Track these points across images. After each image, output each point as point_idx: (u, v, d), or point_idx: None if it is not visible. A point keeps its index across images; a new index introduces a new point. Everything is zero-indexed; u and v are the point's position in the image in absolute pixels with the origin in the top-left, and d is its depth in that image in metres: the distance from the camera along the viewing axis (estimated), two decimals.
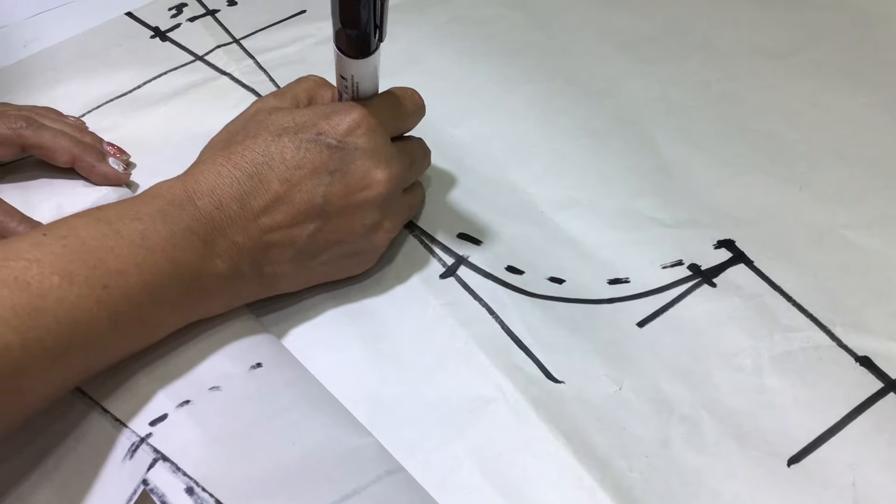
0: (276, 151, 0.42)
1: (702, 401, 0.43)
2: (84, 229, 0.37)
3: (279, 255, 0.42)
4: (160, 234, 0.38)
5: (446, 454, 0.41)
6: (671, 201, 0.52)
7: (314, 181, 0.42)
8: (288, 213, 0.42)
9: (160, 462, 0.36)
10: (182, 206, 0.40)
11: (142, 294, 0.37)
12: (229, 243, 0.40)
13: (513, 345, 0.45)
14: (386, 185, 0.44)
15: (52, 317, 0.34)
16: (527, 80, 0.59)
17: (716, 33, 0.62)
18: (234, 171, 0.41)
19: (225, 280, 0.41)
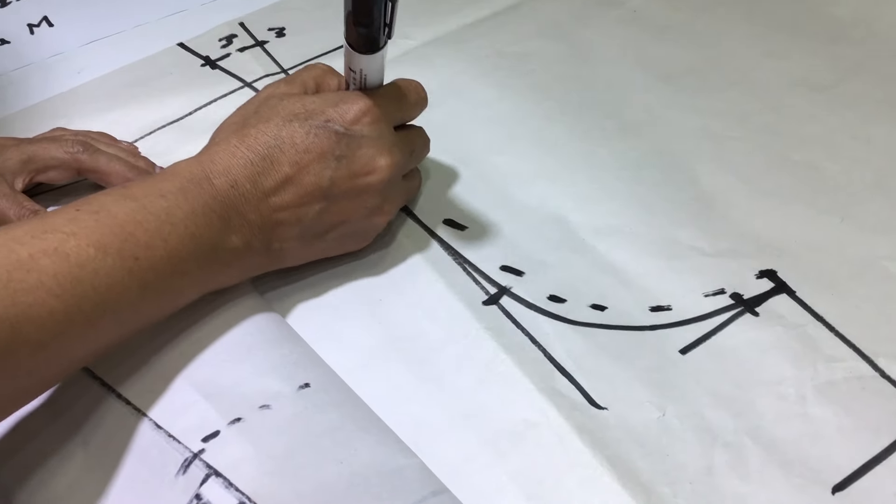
0: (287, 135, 0.44)
1: (745, 428, 0.43)
2: (114, 205, 0.40)
3: (286, 232, 0.45)
4: (182, 211, 0.41)
5: (490, 477, 0.41)
6: (712, 231, 0.52)
7: (321, 165, 0.45)
8: (296, 193, 0.44)
9: (213, 477, 0.37)
10: (200, 185, 0.42)
11: (167, 265, 0.40)
12: (243, 220, 0.43)
13: (555, 371, 0.45)
14: (388, 172, 0.46)
15: (89, 285, 0.37)
16: (567, 112, 0.60)
17: (755, 65, 0.62)
18: (248, 152, 0.44)
19: (238, 254, 0.44)
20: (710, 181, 0.55)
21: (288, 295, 0.49)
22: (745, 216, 0.53)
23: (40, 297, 0.35)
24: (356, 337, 0.47)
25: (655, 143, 0.58)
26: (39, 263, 0.36)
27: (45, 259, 0.36)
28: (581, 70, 0.63)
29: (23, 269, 0.35)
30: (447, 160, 0.57)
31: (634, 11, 0.67)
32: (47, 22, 0.70)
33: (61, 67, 0.65)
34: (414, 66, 0.64)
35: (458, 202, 0.54)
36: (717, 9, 0.67)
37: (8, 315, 0.34)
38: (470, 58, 0.65)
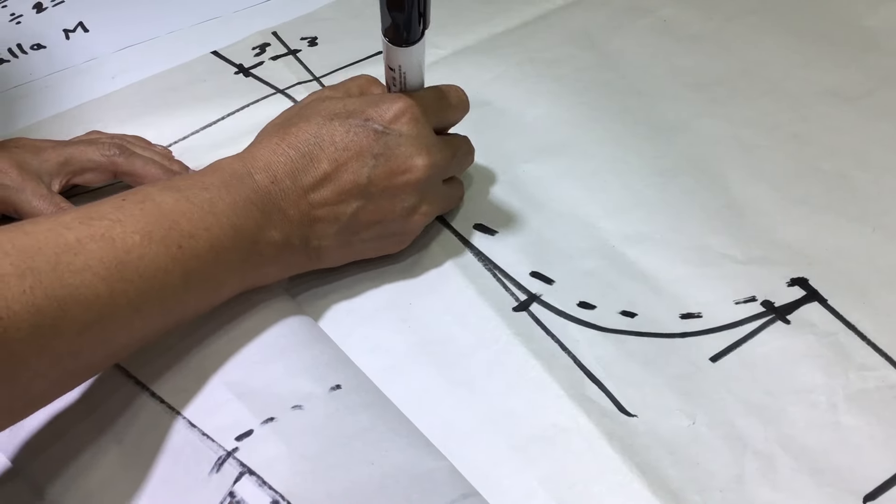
0: (327, 134, 0.45)
1: (776, 436, 0.43)
2: (159, 196, 0.40)
3: (325, 229, 0.46)
4: (225, 203, 0.42)
5: (519, 482, 0.41)
6: (743, 239, 0.52)
7: (360, 163, 0.45)
8: (335, 190, 0.45)
9: (246, 475, 0.38)
10: (242, 179, 0.43)
11: (209, 255, 0.41)
12: (282, 215, 0.44)
13: (585, 378, 0.45)
14: (426, 171, 0.47)
15: (134, 271, 0.38)
16: (598, 119, 0.60)
17: (787, 75, 0.62)
18: (288, 149, 0.45)
19: (278, 248, 0.44)
20: (741, 189, 0.55)
21: (320, 297, 0.50)
22: (777, 224, 0.53)
23: (87, 279, 0.36)
24: (387, 340, 0.48)
25: (686, 152, 0.58)
26: (87, 247, 0.36)
27: (92, 244, 0.37)
28: (611, 78, 0.63)
29: (70, 252, 0.36)
30: (478, 166, 0.57)
31: (664, 21, 0.67)
32: (82, 27, 0.71)
33: (96, 72, 0.66)
34: (445, 74, 0.64)
35: (489, 207, 0.55)
36: (747, 18, 0.67)
37: (56, 295, 0.35)
38: (500, 66, 0.65)
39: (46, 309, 0.34)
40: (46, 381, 0.36)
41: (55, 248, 0.36)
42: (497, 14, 0.69)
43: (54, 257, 0.35)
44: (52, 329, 0.35)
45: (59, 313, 0.35)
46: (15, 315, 0.33)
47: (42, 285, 0.34)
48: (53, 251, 0.36)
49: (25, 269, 0.34)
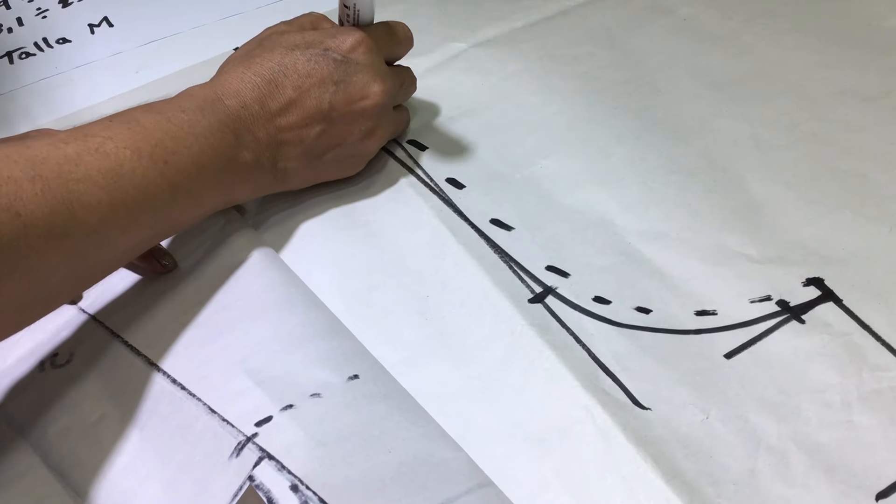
0: (290, 62, 0.49)
1: (789, 433, 0.43)
2: (142, 117, 0.44)
3: (290, 151, 0.50)
4: (202, 125, 0.45)
5: (534, 473, 0.42)
6: (759, 238, 0.52)
7: (321, 89, 0.50)
8: (300, 115, 0.49)
9: (266, 460, 0.38)
10: (214, 105, 0.47)
11: (192, 170, 0.44)
12: (252, 137, 0.48)
13: (600, 371, 0.46)
14: (381, 97, 0.52)
15: (128, 182, 0.41)
16: (616, 117, 0.61)
17: (805, 75, 0.62)
18: (255, 77, 0.49)
19: (250, 168, 0.48)
20: (758, 189, 0.55)
21: (336, 289, 0.50)
22: (793, 224, 0.53)
23: (89, 187, 0.39)
24: (403, 332, 0.48)
25: (704, 150, 0.58)
26: (84, 160, 0.40)
27: (88, 156, 0.40)
28: (631, 76, 0.64)
29: (71, 163, 0.39)
30: (495, 162, 0.58)
31: (684, 20, 0.68)
32: (107, 22, 0.72)
33: (120, 67, 0.67)
34: (463, 69, 0.65)
35: (506, 203, 0.55)
36: (766, 19, 0.67)
37: (64, 199, 0.38)
38: (519, 62, 0.65)
39: (57, 210, 0.38)
40: (59, 277, 0.40)
41: (57, 159, 0.39)
42: (517, 10, 0.70)
43: (57, 167, 0.39)
44: (63, 230, 0.38)
45: (68, 216, 0.38)
46: (31, 214, 0.37)
47: (51, 190, 0.38)
48: (56, 161, 0.39)
49: (34, 174, 0.38)
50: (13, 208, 0.36)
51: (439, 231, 0.53)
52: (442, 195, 0.55)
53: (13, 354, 0.48)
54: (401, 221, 0.54)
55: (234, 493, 0.38)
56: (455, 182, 0.56)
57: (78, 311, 0.49)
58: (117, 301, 0.49)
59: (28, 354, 0.48)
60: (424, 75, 0.64)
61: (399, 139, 0.60)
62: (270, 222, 0.54)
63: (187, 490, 0.39)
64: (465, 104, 0.62)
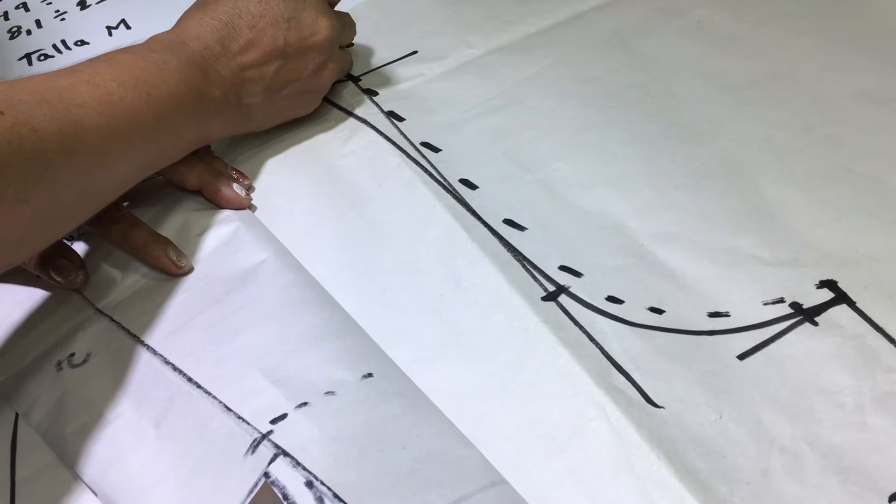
0: (243, 5, 0.54)
1: (802, 434, 0.43)
2: (120, 57, 0.48)
3: (253, 88, 0.54)
4: (173, 63, 0.49)
5: (548, 471, 0.42)
6: (773, 240, 0.52)
7: (275, 27, 0.54)
8: (258, 53, 0.54)
9: (281, 457, 0.39)
10: (179, 47, 0.51)
11: (171, 102, 0.48)
12: (218, 75, 0.52)
13: (613, 369, 0.46)
14: (329, 31, 0.56)
15: (118, 109, 0.45)
16: (629, 120, 0.61)
17: (819, 77, 0.62)
18: (212, 21, 0.53)
19: (219, 104, 0.52)
20: (772, 191, 0.55)
21: (350, 289, 0.50)
22: (807, 226, 0.53)
23: (87, 112, 0.43)
24: (418, 331, 0.48)
25: (718, 153, 0.58)
26: (79, 90, 0.44)
27: (81, 87, 0.44)
28: (644, 79, 0.64)
29: (68, 91, 0.43)
30: (508, 164, 0.58)
31: (698, 22, 0.68)
32: (125, 24, 0.73)
33: None
34: (477, 74, 0.65)
35: (519, 204, 0.55)
36: (781, 21, 0.67)
37: (69, 120, 0.42)
38: (533, 66, 0.66)
39: (66, 129, 0.42)
40: (71, 194, 0.43)
41: (55, 87, 0.43)
42: (530, 15, 0.70)
43: (57, 93, 0.42)
44: (72, 146, 0.42)
45: (74, 135, 0.42)
46: (44, 131, 0.40)
47: (56, 112, 0.41)
48: (55, 89, 0.43)
49: (39, 99, 0.41)
50: (30, 124, 0.40)
51: (453, 229, 0.53)
52: (455, 194, 0.56)
53: (29, 355, 0.48)
54: (415, 219, 0.54)
55: (249, 489, 0.38)
56: (468, 183, 0.57)
57: (95, 312, 0.49)
58: (134, 302, 0.50)
59: (45, 354, 0.48)
60: (438, 79, 0.65)
61: (413, 139, 0.60)
62: (284, 220, 0.55)
63: (203, 487, 0.39)
64: (478, 107, 0.63)
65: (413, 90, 0.64)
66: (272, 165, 0.58)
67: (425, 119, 0.61)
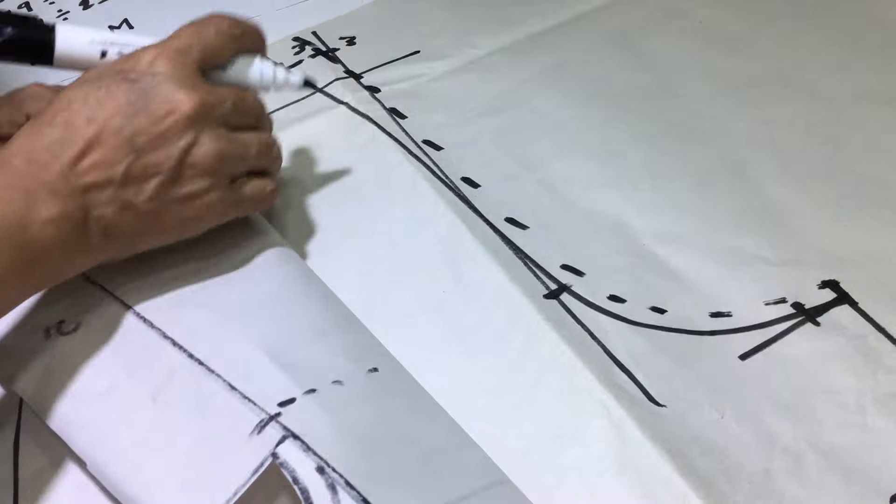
0: (78, 97, 0.43)
1: (804, 434, 0.43)
2: None
3: (100, 195, 0.42)
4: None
5: (551, 468, 0.42)
6: (775, 240, 0.52)
7: (118, 115, 0.42)
8: (101, 151, 0.42)
9: (290, 439, 0.38)
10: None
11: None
12: (47, 191, 0.41)
13: (615, 367, 0.46)
14: (191, 105, 0.43)
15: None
16: (632, 120, 0.61)
17: (822, 77, 0.62)
18: (42, 126, 0.42)
19: (56, 226, 0.41)
20: (774, 191, 0.55)
21: (354, 287, 0.50)
22: (809, 226, 0.53)
23: None
24: (420, 328, 0.48)
25: (720, 153, 0.58)
26: None
27: None
28: (646, 79, 0.64)
29: None
30: (510, 163, 0.58)
31: (700, 22, 0.68)
32: (127, 24, 0.73)
33: None
34: (479, 74, 0.65)
35: (521, 203, 0.55)
36: (783, 21, 0.67)
37: None
38: (535, 66, 0.66)
39: None
40: None
41: None
42: (533, 15, 0.70)
43: None
44: None
45: None
46: None
47: None
48: None
49: None
50: None
51: (455, 226, 0.53)
52: (457, 192, 0.56)
53: (15, 322, 0.46)
54: (416, 216, 0.54)
55: (253, 469, 0.37)
56: (470, 181, 0.57)
57: (85, 281, 0.47)
58: (130, 274, 0.47)
59: (32, 320, 0.46)
60: (440, 78, 0.65)
61: (415, 137, 0.60)
62: (286, 218, 0.55)
63: (202, 464, 0.38)
64: (479, 107, 0.63)
65: (415, 89, 0.64)
66: None
67: (427, 117, 0.61)
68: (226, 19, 0.48)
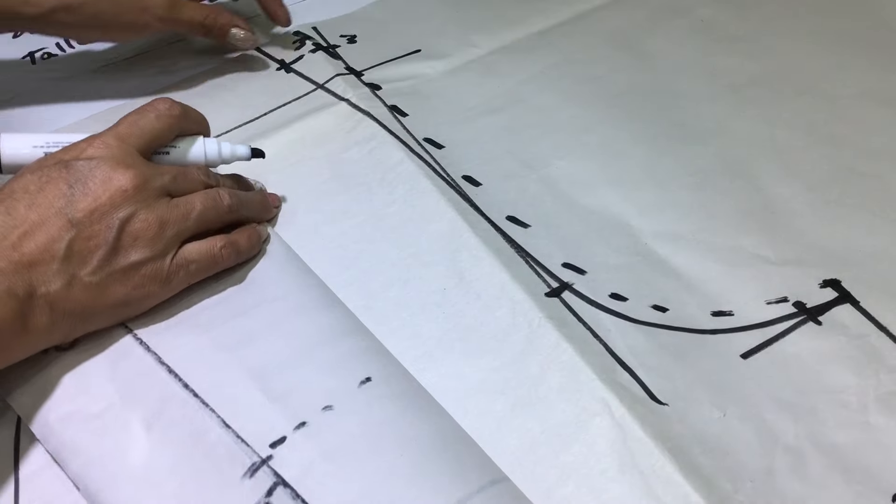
0: (20, 185, 0.44)
1: (806, 433, 0.43)
2: None
3: (45, 271, 0.43)
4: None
5: (552, 466, 0.42)
6: (777, 240, 0.52)
7: (59, 199, 0.44)
8: (44, 232, 0.43)
9: (280, 487, 0.39)
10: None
11: None
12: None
13: (617, 365, 0.46)
14: (127, 179, 0.45)
15: None
16: (633, 119, 0.61)
17: (823, 77, 0.62)
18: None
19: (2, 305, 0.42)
20: (775, 190, 0.55)
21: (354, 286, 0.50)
22: (811, 226, 0.53)
23: None
24: (421, 327, 0.48)
25: (721, 152, 0.58)
26: None
27: None
28: (648, 78, 0.64)
29: None
30: (511, 162, 0.58)
31: (702, 21, 0.68)
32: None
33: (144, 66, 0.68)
34: (480, 73, 0.65)
35: (522, 201, 0.55)
36: (785, 20, 0.67)
37: None
38: (536, 65, 0.66)
39: None
40: None
41: None
42: (534, 14, 0.70)
43: None
44: None
45: None
46: None
47: None
48: None
49: None
50: None
51: (456, 223, 0.53)
52: (459, 190, 0.56)
53: None
54: (418, 213, 0.54)
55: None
56: (471, 179, 0.56)
57: None
58: None
59: None
60: (441, 77, 0.65)
61: (416, 135, 0.60)
62: (287, 217, 0.55)
63: (193, 502, 0.39)
64: (481, 106, 0.63)
65: (416, 87, 0.64)
66: (275, 157, 0.58)
67: (428, 116, 0.61)
68: (165, 102, 0.49)
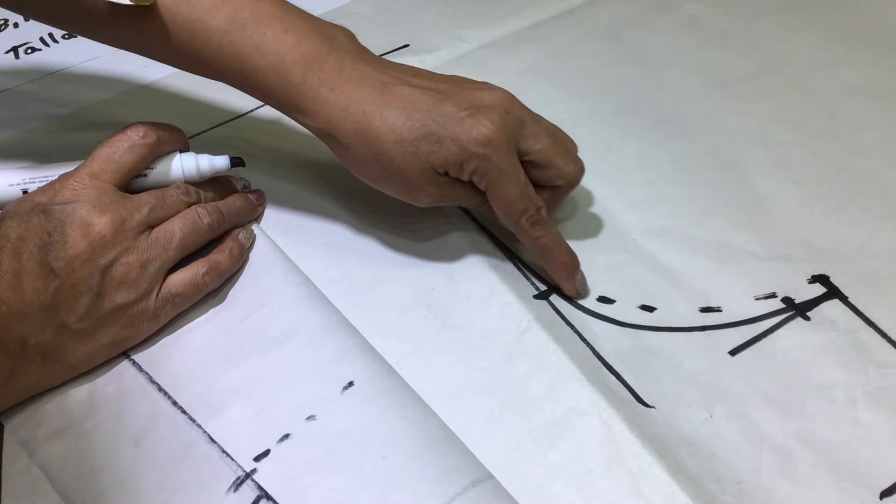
0: (1, 234, 0.44)
1: (794, 430, 0.43)
2: None
3: (34, 324, 0.43)
4: None
5: (539, 466, 0.42)
6: (766, 235, 0.52)
7: (39, 248, 0.44)
8: (27, 283, 0.43)
9: (263, 500, 0.39)
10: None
11: None
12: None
13: (603, 369, 0.46)
14: (104, 224, 0.45)
15: None
16: (623, 115, 0.61)
17: (812, 72, 0.62)
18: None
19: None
20: (765, 186, 0.55)
21: (342, 284, 0.50)
22: (799, 221, 0.53)
23: None
24: (409, 326, 0.48)
25: (711, 148, 0.58)
26: None
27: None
28: (638, 74, 0.64)
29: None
30: None
31: (691, 16, 0.68)
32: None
33: (127, 62, 0.67)
34: (470, 68, 0.64)
35: None
36: (774, 15, 0.67)
37: None
38: (527, 60, 0.65)
39: None
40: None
41: None
42: (523, 9, 0.70)
43: None
44: None
45: None
46: None
47: None
48: None
49: None
50: None
51: (445, 224, 0.53)
52: None
53: None
54: (407, 213, 0.53)
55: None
56: None
57: None
58: None
59: None
60: None
61: None
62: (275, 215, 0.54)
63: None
64: None
65: None
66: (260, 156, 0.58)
67: None
68: (139, 131, 0.48)
